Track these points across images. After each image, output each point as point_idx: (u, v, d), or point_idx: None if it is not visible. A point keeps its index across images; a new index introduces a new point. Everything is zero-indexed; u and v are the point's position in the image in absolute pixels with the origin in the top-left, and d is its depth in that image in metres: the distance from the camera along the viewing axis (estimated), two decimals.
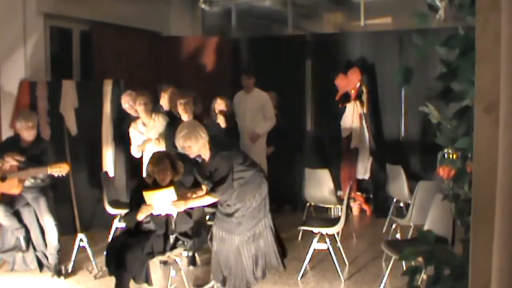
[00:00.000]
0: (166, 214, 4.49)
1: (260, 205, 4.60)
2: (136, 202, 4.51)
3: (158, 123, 5.84)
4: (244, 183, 4.53)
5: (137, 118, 5.93)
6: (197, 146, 4.38)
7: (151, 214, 4.49)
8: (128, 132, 6.01)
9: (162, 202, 4.42)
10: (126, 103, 6.23)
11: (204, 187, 4.63)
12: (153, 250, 4.42)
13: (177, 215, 4.48)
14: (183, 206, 4.43)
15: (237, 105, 7.17)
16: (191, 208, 4.52)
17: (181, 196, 4.45)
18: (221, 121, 6.58)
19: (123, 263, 4.25)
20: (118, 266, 4.29)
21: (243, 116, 7.07)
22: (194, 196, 4.54)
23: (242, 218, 4.55)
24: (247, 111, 7.10)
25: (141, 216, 4.46)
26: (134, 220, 4.51)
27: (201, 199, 4.50)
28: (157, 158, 4.59)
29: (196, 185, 4.72)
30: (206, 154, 4.48)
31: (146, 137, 5.81)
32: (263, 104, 7.19)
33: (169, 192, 4.40)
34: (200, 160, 4.56)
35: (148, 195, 4.43)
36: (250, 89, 7.30)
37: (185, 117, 5.59)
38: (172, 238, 4.50)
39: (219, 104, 6.70)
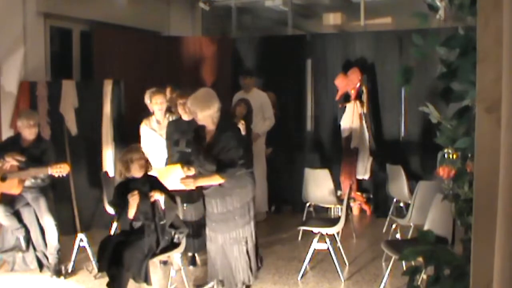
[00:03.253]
0: (152, 204, 4.45)
1: (245, 208, 4.54)
2: (122, 204, 4.48)
3: None
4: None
5: (151, 115, 5.93)
6: (201, 115, 4.40)
7: (137, 208, 4.46)
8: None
9: (172, 178, 4.44)
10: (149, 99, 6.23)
11: (192, 168, 4.60)
12: (152, 249, 4.41)
13: (164, 202, 4.45)
14: (192, 184, 4.41)
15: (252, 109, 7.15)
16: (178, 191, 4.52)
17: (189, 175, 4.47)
18: (242, 127, 6.64)
19: (120, 262, 4.23)
20: (117, 264, 4.26)
21: None
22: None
23: (225, 216, 4.51)
24: None
25: (131, 212, 4.42)
26: (127, 220, 4.49)
27: (210, 178, 4.42)
28: (133, 147, 4.66)
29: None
30: (210, 126, 4.48)
31: (158, 134, 5.82)
32: (262, 104, 7.21)
33: (176, 169, 4.43)
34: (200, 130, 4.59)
35: (159, 171, 4.59)
36: (249, 89, 7.32)
37: (185, 117, 5.60)
38: (161, 228, 4.46)
39: (243, 109, 6.76)
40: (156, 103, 5.79)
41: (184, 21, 9.23)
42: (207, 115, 4.41)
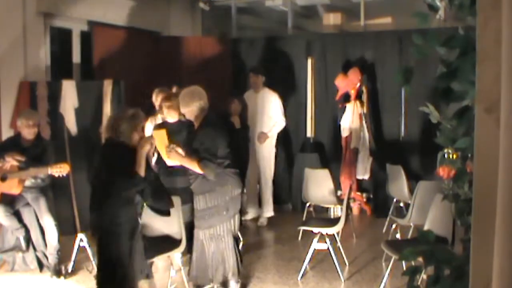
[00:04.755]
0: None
1: (222, 206, 4.53)
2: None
3: None
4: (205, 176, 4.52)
5: (156, 113, 5.91)
6: (186, 110, 4.58)
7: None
8: None
9: (160, 142, 4.53)
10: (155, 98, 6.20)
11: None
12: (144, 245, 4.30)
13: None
14: (176, 160, 4.56)
15: (247, 105, 7.11)
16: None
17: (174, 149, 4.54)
18: (236, 122, 6.61)
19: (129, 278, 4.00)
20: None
21: (252, 116, 7.03)
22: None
23: (204, 213, 4.56)
24: (255, 111, 7.06)
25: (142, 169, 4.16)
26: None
27: (191, 163, 4.49)
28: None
29: None
30: (196, 122, 4.62)
31: None
32: (272, 104, 7.15)
33: (162, 134, 4.57)
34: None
35: (156, 133, 4.71)
36: (259, 88, 7.23)
37: (170, 118, 5.57)
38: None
39: (237, 105, 6.74)
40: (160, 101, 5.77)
41: (184, 21, 9.23)
42: (187, 111, 4.60)
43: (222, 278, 4.63)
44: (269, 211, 7.37)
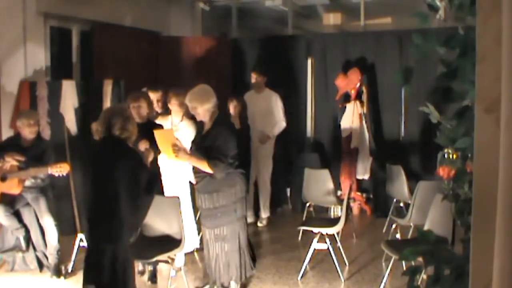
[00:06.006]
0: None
1: (230, 207, 4.51)
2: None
3: (186, 127, 5.80)
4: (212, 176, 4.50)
5: (167, 114, 5.87)
6: (201, 109, 4.50)
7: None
8: None
9: (164, 142, 4.46)
10: (169, 100, 6.15)
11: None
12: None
13: None
14: (185, 158, 4.47)
15: (247, 105, 7.11)
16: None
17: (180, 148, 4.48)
18: (236, 122, 6.61)
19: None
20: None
21: (253, 116, 7.02)
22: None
23: (210, 212, 4.54)
24: (257, 111, 7.05)
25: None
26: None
27: (200, 162, 4.43)
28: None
29: None
30: (208, 121, 4.58)
31: None
32: (274, 105, 7.14)
33: (167, 133, 4.53)
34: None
35: (157, 133, 4.56)
36: (261, 88, 7.21)
37: (137, 120, 5.52)
38: None
39: (236, 105, 6.72)
40: (175, 104, 5.74)
41: (184, 21, 9.23)
42: (206, 109, 4.51)
43: (225, 281, 4.61)
44: (266, 212, 7.37)
